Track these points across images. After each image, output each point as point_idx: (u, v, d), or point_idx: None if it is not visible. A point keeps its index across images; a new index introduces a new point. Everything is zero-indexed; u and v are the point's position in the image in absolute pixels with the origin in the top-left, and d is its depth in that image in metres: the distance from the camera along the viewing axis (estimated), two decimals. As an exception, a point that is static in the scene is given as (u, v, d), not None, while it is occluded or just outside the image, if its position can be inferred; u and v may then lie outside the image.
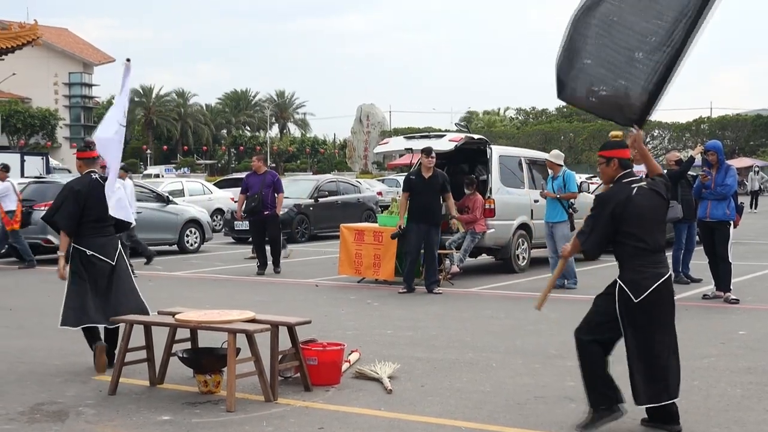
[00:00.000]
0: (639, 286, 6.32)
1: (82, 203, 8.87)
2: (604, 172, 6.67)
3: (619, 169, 6.58)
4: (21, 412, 7.19)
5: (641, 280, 6.33)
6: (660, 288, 6.34)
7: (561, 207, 14.71)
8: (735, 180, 12.97)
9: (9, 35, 40.75)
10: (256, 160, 18.04)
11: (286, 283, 15.83)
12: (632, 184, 6.48)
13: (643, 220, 6.41)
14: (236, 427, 6.73)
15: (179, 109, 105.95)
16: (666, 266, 6.48)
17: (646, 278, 6.33)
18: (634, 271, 6.38)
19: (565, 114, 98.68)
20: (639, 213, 6.38)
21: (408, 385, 7.99)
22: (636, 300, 6.32)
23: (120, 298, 8.93)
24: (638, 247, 6.39)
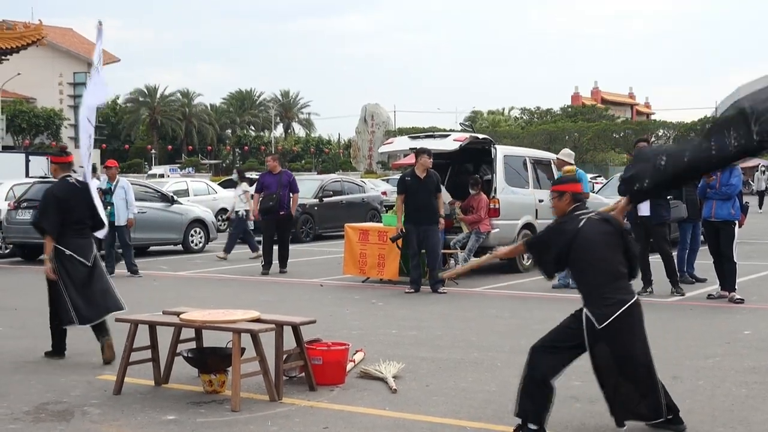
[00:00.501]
0: (603, 314, 6.30)
1: (64, 208, 9.44)
2: (557, 206, 6.80)
3: (572, 203, 6.71)
4: (26, 411, 7.20)
5: (605, 307, 6.32)
6: (624, 314, 6.32)
7: None
8: (740, 180, 12.95)
9: (14, 35, 40.87)
10: (271, 159, 18.01)
11: (290, 283, 15.84)
12: (581, 216, 6.58)
13: (595, 249, 6.45)
14: (241, 426, 6.73)
15: (184, 109, 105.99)
16: (630, 292, 6.48)
17: (610, 305, 6.32)
18: (598, 298, 6.36)
19: (570, 114, 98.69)
20: (590, 242, 6.45)
21: (413, 385, 7.99)
22: (599, 326, 6.30)
23: (98, 298, 9.38)
24: (597, 276, 6.41)
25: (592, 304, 6.35)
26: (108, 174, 17.58)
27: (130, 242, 17.48)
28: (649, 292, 13.62)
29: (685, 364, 8.80)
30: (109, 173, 17.62)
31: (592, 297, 6.38)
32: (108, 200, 17.13)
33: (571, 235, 6.48)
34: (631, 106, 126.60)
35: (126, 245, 17.37)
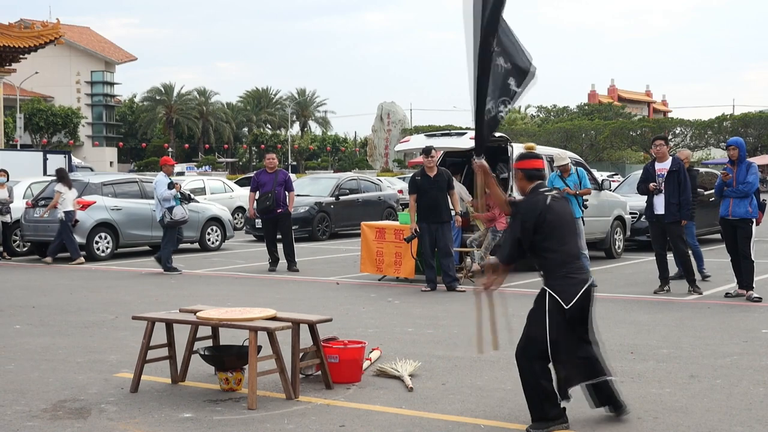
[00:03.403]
0: (568, 293, 6.41)
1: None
2: (517, 186, 6.92)
3: (526, 181, 6.74)
4: (44, 409, 7.24)
5: (570, 286, 6.42)
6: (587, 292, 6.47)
7: (577, 204, 14.75)
8: (756, 177, 12.90)
9: (31, 34, 40.99)
10: (273, 157, 18.00)
11: (307, 281, 15.86)
12: (545, 193, 6.63)
13: (563, 228, 6.53)
14: (257, 424, 6.74)
15: (201, 108, 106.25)
16: (587, 272, 6.62)
17: (575, 284, 6.44)
18: (563, 279, 6.45)
19: (587, 111, 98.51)
20: (558, 221, 6.51)
21: (429, 383, 7.99)
22: (567, 306, 6.40)
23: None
24: (560, 252, 6.48)
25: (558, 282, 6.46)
26: (167, 171, 17.65)
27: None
28: (667, 291, 13.60)
29: (702, 362, 8.77)
30: (170, 170, 17.74)
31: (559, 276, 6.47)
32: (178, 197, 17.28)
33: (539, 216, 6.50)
34: (648, 103, 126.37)
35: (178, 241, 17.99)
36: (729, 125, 77.22)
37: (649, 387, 7.74)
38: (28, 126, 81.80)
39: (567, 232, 6.56)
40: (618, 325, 10.98)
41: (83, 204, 19.86)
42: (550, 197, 6.60)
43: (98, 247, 19.93)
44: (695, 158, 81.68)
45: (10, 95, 68.28)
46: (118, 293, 14.32)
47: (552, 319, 6.44)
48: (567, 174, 14.98)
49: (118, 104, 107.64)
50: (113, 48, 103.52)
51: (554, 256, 6.50)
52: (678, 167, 13.49)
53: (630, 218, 19.82)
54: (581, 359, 6.54)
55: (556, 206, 6.58)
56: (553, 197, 6.63)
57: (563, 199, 6.79)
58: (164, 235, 17.51)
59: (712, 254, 19.25)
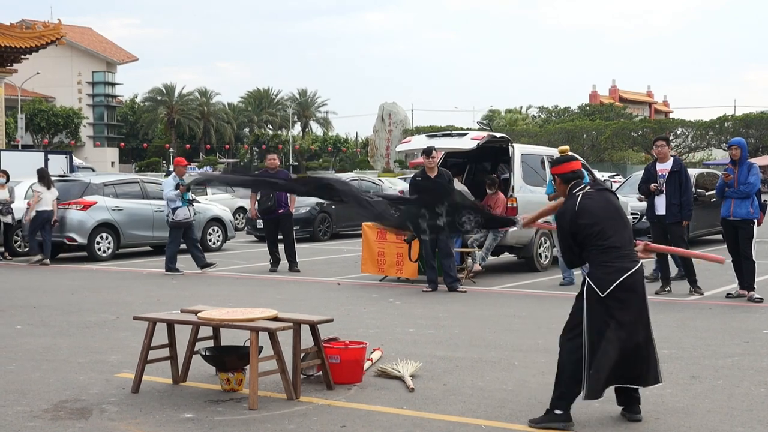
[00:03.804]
0: (604, 281, 6.44)
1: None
2: (558, 191, 7.01)
3: (563, 185, 6.83)
4: (45, 409, 7.23)
5: (606, 275, 6.44)
6: (626, 281, 6.43)
7: None
8: (758, 178, 12.91)
9: (33, 35, 41.02)
10: (274, 158, 18.00)
11: (308, 282, 15.86)
12: (577, 192, 6.69)
13: (598, 220, 6.54)
14: (258, 425, 6.74)
15: (202, 108, 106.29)
16: (633, 260, 6.56)
17: (611, 272, 6.44)
18: (600, 267, 6.49)
19: (588, 112, 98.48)
20: (591, 215, 6.54)
21: (430, 384, 7.98)
22: (602, 294, 6.42)
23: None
24: (601, 246, 6.50)
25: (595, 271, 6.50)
26: (180, 172, 17.70)
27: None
28: (668, 291, 13.60)
29: (703, 363, 8.77)
30: (182, 171, 17.75)
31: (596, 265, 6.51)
32: (187, 198, 17.31)
33: (573, 215, 6.57)
34: (650, 104, 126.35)
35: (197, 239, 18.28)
36: (730, 126, 77.18)
37: (650, 388, 7.73)
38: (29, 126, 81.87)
39: (607, 227, 6.54)
40: (619, 325, 10.96)
41: (84, 204, 19.86)
42: (581, 197, 6.62)
43: (99, 247, 19.94)
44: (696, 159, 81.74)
45: (12, 96, 68.29)
46: (120, 293, 14.33)
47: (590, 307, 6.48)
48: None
49: (120, 105, 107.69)
50: (114, 48, 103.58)
51: (595, 251, 6.53)
52: (679, 168, 13.50)
53: (631, 219, 19.81)
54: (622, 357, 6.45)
55: (589, 205, 6.58)
56: (585, 195, 6.64)
57: (600, 192, 6.73)
58: (169, 235, 17.57)
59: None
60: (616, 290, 6.41)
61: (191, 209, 17.31)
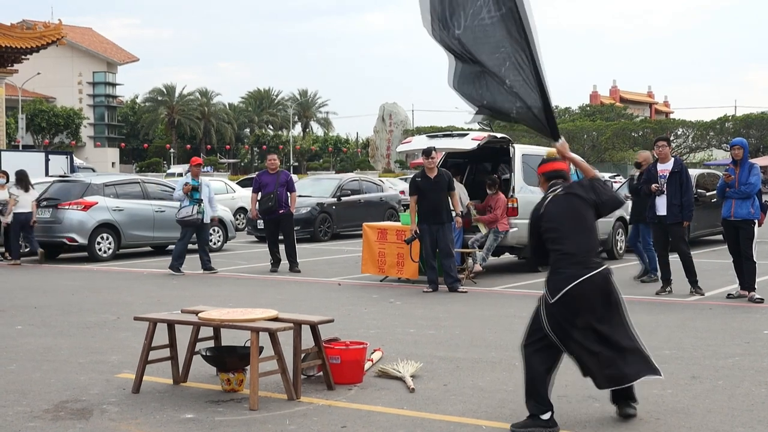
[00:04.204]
0: (555, 288, 6.48)
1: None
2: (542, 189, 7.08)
3: (545, 183, 6.94)
4: (45, 410, 7.23)
5: (557, 281, 6.49)
6: (575, 289, 6.41)
7: None
8: (759, 178, 12.89)
9: (34, 35, 41.05)
10: (275, 158, 18.02)
11: (308, 282, 15.86)
12: (548, 193, 6.79)
13: (558, 225, 6.61)
14: (259, 425, 6.74)
15: (202, 108, 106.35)
16: (589, 267, 6.50)
17: (562, 279, 6.47)
18: (553, 273, 6.56)
19: (588, 113, 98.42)
20: (551, 219, 6.63)
21: (431, 384, 7.98)
22: (551, 300, 6.48)
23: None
24: (557, 251, 6.57)
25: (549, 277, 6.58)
26: (194, 171, 17.70)
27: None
28: (669, 292, 13.60)
29: (704, 363, 8.76)
30: (196, 171, 17.75)
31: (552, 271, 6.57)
32: (196, 197, 17.30)
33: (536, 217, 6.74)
34: (650, 104, 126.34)
35: (207, 243, 17.95)
36: (731, 126, 77.22)
37: (650, 388, 7.72)
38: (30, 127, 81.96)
39: (564, 233, 6.58)
40: (620, 326, 10.96)
41: (85, 204, 19.87)
42: (548, 200, 6.71)
43: (100, 247, 19.93)
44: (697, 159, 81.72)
45: (12, 96, 68.34)
46: (120, 294, 14.33)
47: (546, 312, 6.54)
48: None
49: (120, 105, 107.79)
50: (115, 49, 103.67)
51: (551, 254, 6.62)
52: (680, 168, 13.49)
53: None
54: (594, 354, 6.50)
55: (551, 209, 6.66)
56: (553, 199, 6.70)
57: (567, 196, 6.72)
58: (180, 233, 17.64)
59: (714, 255, 19.26)
60: (566, 297, 6.42)
61: (195, 208, 17.26)
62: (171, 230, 19.98)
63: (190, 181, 17.55)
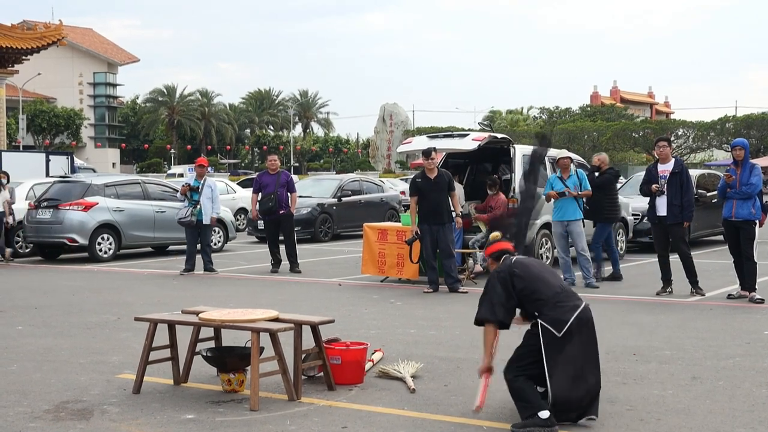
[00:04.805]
0: (559, 321, 6.60)
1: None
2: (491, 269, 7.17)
3: (494, 262, 7.12)
4: (46, 410, 7.24)
5: (560, 315, 6.62)
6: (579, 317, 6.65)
7: (577, 205, 14.76)
8: (760, 179, 12.89)
9: (34, 35, 41.04)
10: (275, 159, 18.01)
11: (309, 283, 15.86)
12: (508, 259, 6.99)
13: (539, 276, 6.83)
14: (260, 425, 6.74)
15: (203, 109, 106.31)
16: (578, 298, 6.83)
17: (565, 312, 6.64)
18: (553, 310, 6.66)
19: (589, 113, 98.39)
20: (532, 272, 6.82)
21: (431, 385, 7.98)
22: (559, 335, 6.58)
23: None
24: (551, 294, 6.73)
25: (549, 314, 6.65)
26: (198, 172, 17.72)
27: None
28: (669, 292, 13.60)
29: (704, 364, 8.76)
30: (200, 171, 17.75)
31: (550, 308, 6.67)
32: (195, 198, 17.31)
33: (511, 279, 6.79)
34: (651, 105, 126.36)
35: (208, 244, 17.87)
36: (731, 126, 77.16)
37: (651, 388, 7.73)
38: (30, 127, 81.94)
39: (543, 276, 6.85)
40: (620, 326, 10.98)
41: (85, 205, 19.87)
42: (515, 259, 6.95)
43: (101, 248, 19.93)
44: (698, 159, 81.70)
45: (13, 96, 68.34)
46: (121, 294, 14.33)
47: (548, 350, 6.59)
48: (567, 174, 14.94)
49: (121, 105, 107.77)
50: (115, 49, 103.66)
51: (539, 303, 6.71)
52: (680, 169, 13.49)
53: (632, 219, 19.80)
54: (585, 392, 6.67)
55: (520, 264, 6.89)
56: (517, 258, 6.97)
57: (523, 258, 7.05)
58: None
59: (715, 255, 19.26)
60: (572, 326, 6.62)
61: (190, 210, 17.25)
62: (171, 231, 20.01)
63: (191, 182, 17.57)
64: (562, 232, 14.86)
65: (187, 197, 17.42)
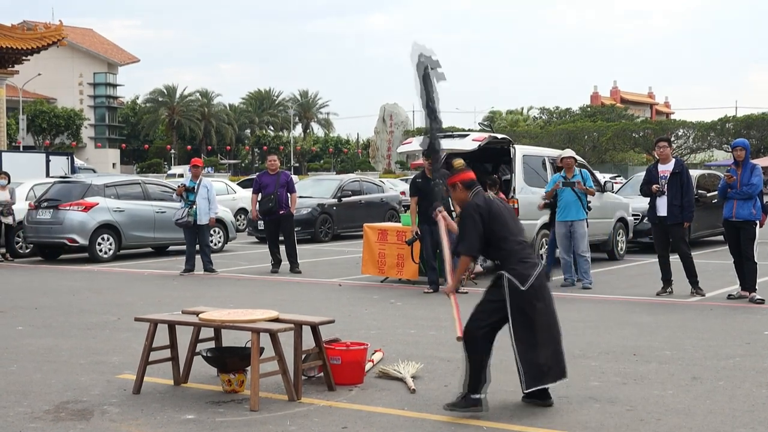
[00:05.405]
0: (524, 276, 6.92)
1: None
2: (456, 197, 7.51)
3: (465, 190, 7.32)
4: (46, 410, 7.24)
5: (524, 270, 6.95)
6: (540, 276, 7.01)
7: (581, 205, 14.71)
8: (761, 179, 12.89)
9: (34, 36, 41.06)
10: (275, 159, 18.01)
11: (309, 283, 15.86)
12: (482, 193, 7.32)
13: (511, 219, 7.19)
14: (260, 426, 6.74)
15: (203, 109, 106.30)
16: (535, 255, 7.26)
17: (528, 268, 6.97)
18: (519, 264, 6.98)
19: (589, 113, 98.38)
20: (503, 214, 7.14)
21: (431, 385, 7.98)
22: (523, 288, 6.89)
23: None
24: (516, 242, 7.07)
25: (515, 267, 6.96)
26: (193, 172, 17.72)
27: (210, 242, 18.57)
28: (669, 292, 13.59)
29: (705, 364, 8.76)
30: (195, 172, 17.74)
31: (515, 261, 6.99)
32: (191, 199, 17.29)
33: (487, 211, 7.09)
34: (651, 105, 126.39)
35: (206, 244, 17.81)
36: (732, 127, 77.11)
37: (651, 389, 7.73)
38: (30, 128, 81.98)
39: (513, 224, 7.18)
40: (621, 326, 10.98)
41: (86, 205, 19.87)
42: (492, 196, 7.37)
43: (101, 248, 19.93)
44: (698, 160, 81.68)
45: (13, 97, 68.33)
46: (121, 295, 14.33)
47: (513, 301, 6.91)
48: (571, 174, 14.92)
49: (121, 106, 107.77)
50: (116, 49, 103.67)
51: (509, 246, 7.02)
52: (681, 169, 13.49)
53: (632, 220, 19.79)
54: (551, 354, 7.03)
55: (498, 203, 7.25)
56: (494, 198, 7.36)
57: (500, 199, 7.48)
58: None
59: (715, 256, 19.26)
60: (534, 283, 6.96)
61: (186, 210, 17.25)
62: (172, 231, 19.98)
63: (187, 183, 17.57)
64: (566, 233, 14.79)
65: (183, 198, 17.43)
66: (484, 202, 7.16)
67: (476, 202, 7.17)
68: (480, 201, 7.17)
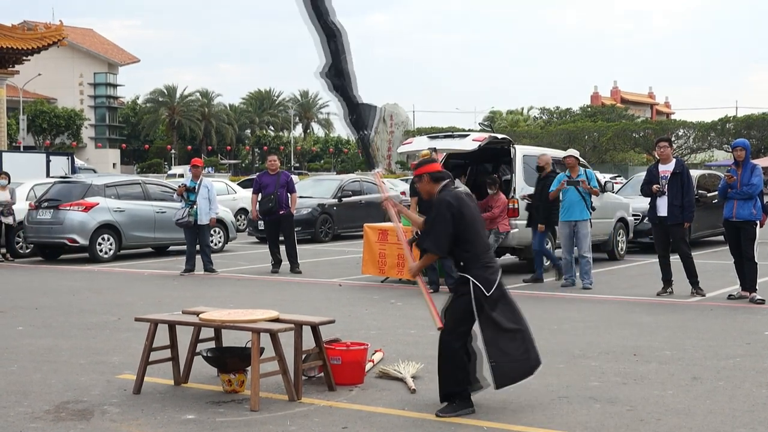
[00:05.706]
0: (489, 282, 6.92)
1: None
2: (422, 189, 7.36)
3: (432, 183, 7.21)
4: (46, 410, 7.24)
5: (489, 275, 6.94)
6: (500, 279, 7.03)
7: (585, 205, 14.68)
8: (761, 179, 12.89)
9: (35, 36, 41.07)
10: (275, 159, 18.01)
11: (309, 283, 15.86)
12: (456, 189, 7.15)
13: (477, 221, 7.11)
14: (260, 426, 6.74)
15: (203, 109, 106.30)
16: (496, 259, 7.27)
17: (492, 273, 6.98)
18: (483, 269, 6.96)
19: (589, 113, 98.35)
20: (473, 215, 7.05)
21: (432, 385, 7.96)
22: (488, 294, 6.88)
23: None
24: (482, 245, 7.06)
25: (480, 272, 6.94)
26: (193, 173, 17.71)
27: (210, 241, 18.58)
28: (669, 293, 13.59)
29: (705, 364, 8.76)
30: (195, 172, 17.73)
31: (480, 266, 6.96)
32: (191, 199, 17.29)
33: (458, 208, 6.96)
34: (651, 105, 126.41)
35: (207, 244, 17.79)
36: (732, 127, 77.01)
37: (651, 389, 7.73)
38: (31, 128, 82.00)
39: (480, 226, 7.13)
40: (621, 326, 10.98)
41: (86, 206, 19.87)
42: (463, 192, 7.21)
43: (101, 248, 19.92)
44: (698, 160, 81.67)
45: (13, 97, 68.36)
46: (121, 295, 14.33)
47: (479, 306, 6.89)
48: (575, 173, 14.89)
49: (121, 106, 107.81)
50: (116, 50, 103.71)
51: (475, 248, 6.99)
52: (681, 169, 13.48)
53: (633, 220, 19.79)
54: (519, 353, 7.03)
55: (469, 201, 7.14)
56: (465, 193, 7.29)
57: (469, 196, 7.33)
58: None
59: (715, 256, 19.26)
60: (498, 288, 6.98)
61: (187, 210, 17.25)
62: (172, 231, 19.97)
63: (187, 183, 17.57)
64: (569, 233, 14.76)
65: (183, 198, 17.43)
66: (456, 200, 7.01)
67: (448, 200, 7.01)
68: (452, 199, 7.01)
